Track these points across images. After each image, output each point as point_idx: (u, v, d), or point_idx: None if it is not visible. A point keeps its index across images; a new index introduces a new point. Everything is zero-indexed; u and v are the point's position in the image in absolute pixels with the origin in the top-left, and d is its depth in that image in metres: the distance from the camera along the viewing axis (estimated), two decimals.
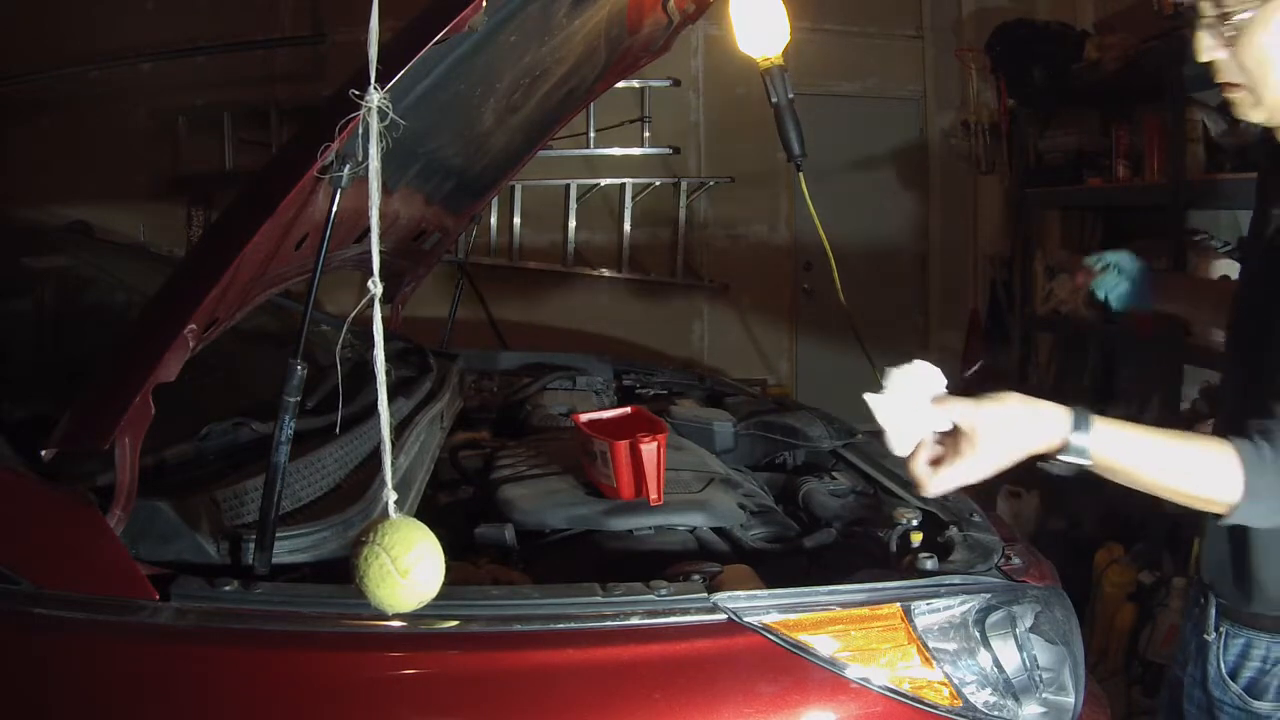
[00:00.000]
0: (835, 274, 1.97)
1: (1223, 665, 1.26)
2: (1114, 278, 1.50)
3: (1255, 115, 1.17)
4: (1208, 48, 1.16)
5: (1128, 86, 3.25)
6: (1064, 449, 1.03)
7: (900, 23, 4.72)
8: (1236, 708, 1.24)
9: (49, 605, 1.15)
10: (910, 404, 1.04)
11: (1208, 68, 1.18)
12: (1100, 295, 1.50)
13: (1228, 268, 2.69)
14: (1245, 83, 1.14)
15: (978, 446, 1.02)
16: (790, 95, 2.03)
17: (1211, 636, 1.29)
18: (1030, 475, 1.40)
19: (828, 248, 1.97)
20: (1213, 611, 1.30)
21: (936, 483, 1.05)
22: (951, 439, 1.04)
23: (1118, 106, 3.43)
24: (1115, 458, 1.03)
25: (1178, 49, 2.73)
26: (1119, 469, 1.04)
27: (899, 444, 1.06)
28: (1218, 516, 1.07)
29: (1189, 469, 1.04)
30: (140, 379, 1.12)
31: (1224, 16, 1.12)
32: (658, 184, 4.54)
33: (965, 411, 1.03)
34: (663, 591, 1.23)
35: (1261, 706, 1.21)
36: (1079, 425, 1.02)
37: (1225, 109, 2.94)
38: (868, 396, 1.06)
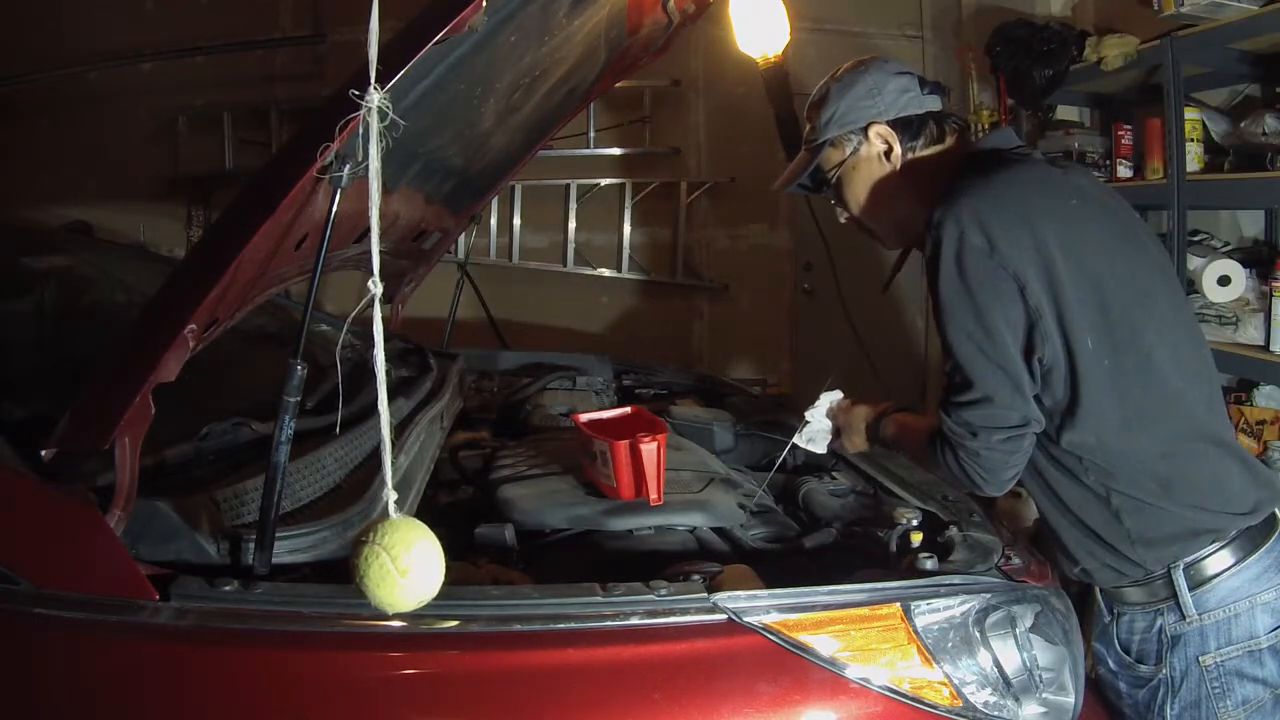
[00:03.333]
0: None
1: (1116, 642, 1.43)
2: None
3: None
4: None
5: (1127, 86, 3.25)
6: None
7: (900, 23, 4.70)
8: (1133, 675, 1.40)
9: (49, 605, 1.15)
10: (822, 419, 1.73)
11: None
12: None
13: (1228, 268, 2.69)
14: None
15: (845, 432, 1.69)
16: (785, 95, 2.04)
17: (1109, 619, 1.45)
18: None
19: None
20: (1100, 597, 1.47)
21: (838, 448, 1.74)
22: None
23: (1118, 106, 3.43)
24: (893, 440, 1.58)
25: (1178, 49, 2.74)
26: (897, 447, 1.59)
27: (819, 448, 1.74)
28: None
29: (919, 454, 1.48)
30: (140, 379, 1.12)
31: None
32: (658, 184, 4.53)
33: (837, 414, 1.71)
34: (663, 591, 1.23)
35: (1144, 670, 1.38)
36: (879, 419, 1.61)
37: (1225, 109, 2.96)
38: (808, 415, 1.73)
